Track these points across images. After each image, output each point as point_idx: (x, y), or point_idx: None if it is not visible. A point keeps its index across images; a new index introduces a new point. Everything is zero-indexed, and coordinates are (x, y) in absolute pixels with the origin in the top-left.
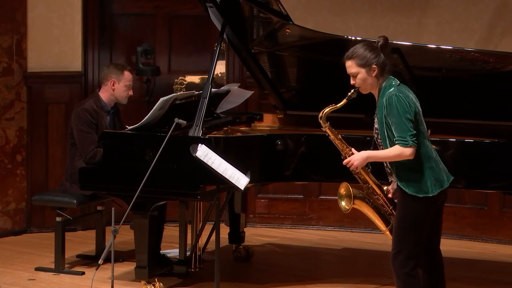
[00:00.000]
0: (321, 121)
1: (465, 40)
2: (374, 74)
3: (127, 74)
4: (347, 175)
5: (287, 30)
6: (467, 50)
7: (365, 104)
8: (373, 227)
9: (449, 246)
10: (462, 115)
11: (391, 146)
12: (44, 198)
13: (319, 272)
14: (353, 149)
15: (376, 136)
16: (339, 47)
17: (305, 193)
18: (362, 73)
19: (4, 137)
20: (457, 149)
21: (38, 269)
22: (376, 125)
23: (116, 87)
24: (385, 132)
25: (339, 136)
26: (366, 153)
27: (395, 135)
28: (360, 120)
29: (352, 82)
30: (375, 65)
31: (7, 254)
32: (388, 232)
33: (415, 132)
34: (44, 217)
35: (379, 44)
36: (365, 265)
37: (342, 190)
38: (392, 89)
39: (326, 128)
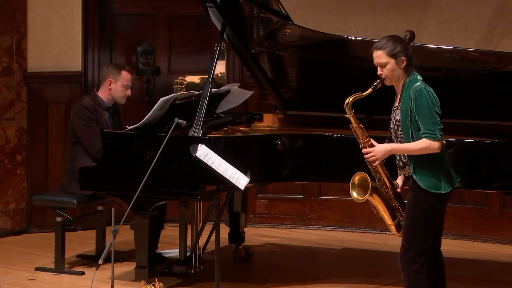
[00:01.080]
0: (346, 108)
1: (465, 40)
2: (402, 66)
3: (125, 74)
4: (348, 174)
5: (287, 30)
6: (467, 50)
7: (365, 104)
8: (373, 227)
9: (449, 246)
10: (462, 115)
11: (412, 138)
12: (44, 198)
13: (319, 272)
14: (372, 140)
15: (396, 128)
16: (339, 47)
17: (305, 193)
18: (391, 63)
19: (4, 137)
20: (457, 149)
21: (38, 269)
22: (397, 117)
23: (113, 87)
24: (408, 124)
25: (361, 125)
26: (390, 146)
27: (423, 128)
28: (360, 120)
29: (379, 72)
30: (404, 56)
31: (7, 254)
32: (393, 227)
33: (442, 126)
34: (44, 217)
35: (406, 37)
36: (365, 265)
37: (356, 179)
38: (419, 83)
39: (350, 116)
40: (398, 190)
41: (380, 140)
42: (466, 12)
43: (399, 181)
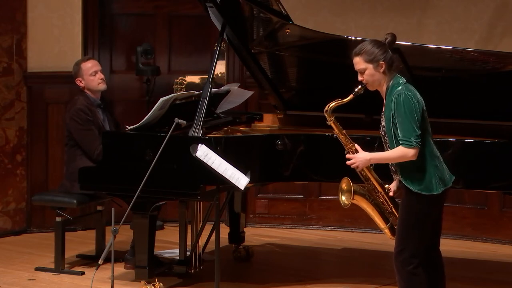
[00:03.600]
0: (326, 115)
1: (465, 40)
2: (381, 70)
3: (85, 64)
4: (347, 175)
5: (287, 30)
6: (467, 50)
7: (364, 104)
8: (373, 227)
9: (449, 246)
10: (462, 115)
11: (396, 143)
12: (44, 198)
13: (319, 272)
14: (356, 145)
15: (383, 133)
16: (339, 47)
17: (305, 193)
18: (369, 69)
19: (4, 137)
20: (457, 149)
21: (38, 269)
22: (383, 123)
23: (84, 83)
24: (392, 130)
25: (343, 131)
26: (369, 155)
27: (400, 135)
28: (360, 120)
29: (360, 78)
30: (383, 61)
31: (7, 254)
32: (387, 230)
33: (419, 132)
34: (44, 217)
35: (386, 41)
36: (365, 265)
37: (344, 185)
38: (400, 88)
39: (331, 122)
40: (391, 193)
41: (379, 140)
42: (466, 12)
43: (394, 184)
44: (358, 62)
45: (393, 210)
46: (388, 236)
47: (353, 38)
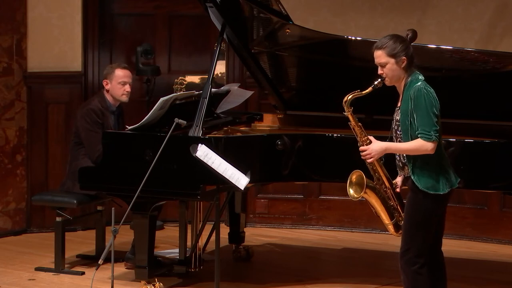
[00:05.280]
0: (345, 106)
1: (465, 40)
2: (402, 66)
3: (118, 72)
4: (348, 175)
5: (287, 30)
6: (467, 50)
7: (365, 104)
8: (373, 227)
9: (449, 246)
10: (462, 115)
11: (411, 138)
12: (44, 198)
13: (319, 272)
14: (371, 137)
15: (396, 127)
16: (339, 47)
17: (305, 193)
18: (391, 63)
19: (4, 137)
20: (457, 149)
21: (38, 269)
22: (398, 117)
23: (110, 87)
24: (407, 125)
25: (359, 124)
26: (384, 145)
27: (419, 128)
28: (359, 120)
29: (379, 72)
30: (404, 56)
31: (7, 254)
32: (391, 226)
33: (438, 127)
34: (44, 217)
35: (408, 37)
36: (365, 265)
37: (353, 177)
38: (419, 83)
39: (348, 114)
40: (398, 189)
41: (380, 140)
42: (466, 12)
43: (399, 180)
44: (380, 56)
45: (398, 207)
46: (392, 232)
47: (353, 38)
